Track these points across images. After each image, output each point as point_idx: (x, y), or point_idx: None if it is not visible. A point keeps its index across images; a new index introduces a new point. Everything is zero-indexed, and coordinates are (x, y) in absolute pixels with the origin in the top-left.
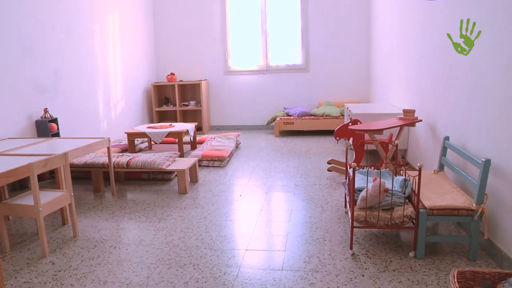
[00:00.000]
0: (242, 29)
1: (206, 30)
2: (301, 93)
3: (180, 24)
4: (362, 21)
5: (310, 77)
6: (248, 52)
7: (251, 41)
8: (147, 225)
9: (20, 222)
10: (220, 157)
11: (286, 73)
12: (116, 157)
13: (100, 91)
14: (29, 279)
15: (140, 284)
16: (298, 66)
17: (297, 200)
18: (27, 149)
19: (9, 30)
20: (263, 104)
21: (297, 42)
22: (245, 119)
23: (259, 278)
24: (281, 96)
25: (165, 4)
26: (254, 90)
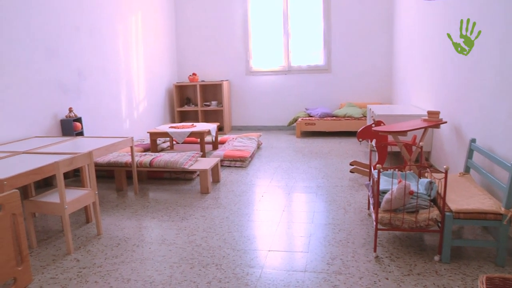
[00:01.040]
0: (264, 29)
1: (228, 30)
2: (323, 94)
3: (202, 24)
4: (385, 22)
5: (332, 78)
6: (270, 52)
7: (273, 41)
8: (169, 224)
9: (45, 219)
10: (242, 158)
11: (308, 73)
12: (139, 157)
13: (123, 91)
14: (55, 275)
15: (163, 283)
16: (320, 66)
17: (319, 202)
18: (53, 148)
19: (35, 31)
20: (285, 104)
21: (319, 43)
22: (266, 120)
23: (282, 280)
24: (303, 97)
25: (186, 4)
26: (276, 91)
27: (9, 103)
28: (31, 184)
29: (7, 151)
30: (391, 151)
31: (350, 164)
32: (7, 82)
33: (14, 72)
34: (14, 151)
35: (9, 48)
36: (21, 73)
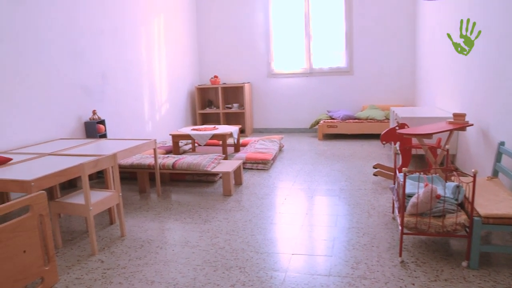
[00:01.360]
0: (285, 31)
1: (249, 33)
2: (345, 96)
3: (223, 27)
4: (407, 24)
5: (354, 80)
6: (291, 55)
7: (294, 44)
8: (192, 226)
9: (69, 220)
10: (264, 160)
11: (330, 75)
12: (162, 159)
13: (146, 93)
14: (80, 275)
15: (186, 285)
16: (341, 68)
17: (342, 205)
18: (77, 150)
19: (61, 35)
20: (306, 107)
21: (340, 45)
22: (288, 122)
23: (306, 283)
24: (325, 99)
25: (208, 7)
26: (297, 93)
27: (35, 105)
28: (56, 185)
29: (33, 152)
30: (415, 154)
31: (374, 167)
32: (34, 84)
33: (40, 75)
34: (40, 152)
35: (36, 51)
36: (47, 76)
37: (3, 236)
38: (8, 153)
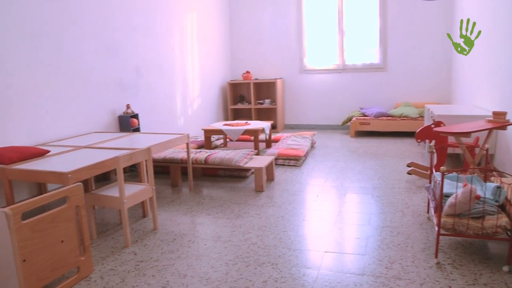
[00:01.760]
0: (318, 27)
1: (282, 28)
2: (378, 93)
3: (255, 22)
4: (443, 19)
5: (387, 77)
6: (324, 50)
7: (327, 39)
8: (224, 221)
9: (103, 212)
10: (296, 156)
11: (363, 72)
12: (195, 153)
13: (178, 88)
14: (114, 266)
15: (219, 280)
16: (375, 65)
17: (375, 203)
18: (111, 143)
19: (97, 31)
20: (339, 103)
21: (374, 41)
22: (320, 119)
23: (339, 282)
24: (357, 96)
25: (241, 3)
26: (330, 89)
27: (72, 99)
28: (91, 177)
29: (69, 145)
30: (451, 153)
31: (408, 165)
32: (71, 79)
33: (77, 70)
34: (76, 145)
35: (74, 47)
36: (83, 70)
37: (43, 225)
38: (45, 146)
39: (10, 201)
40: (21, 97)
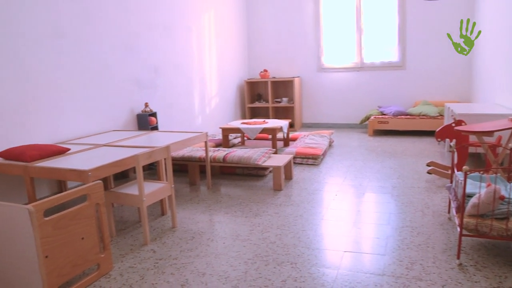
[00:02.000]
0: (336, 25)
1: (299, 27)
2: (397, 91)
3: (273, 21)
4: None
5: (406, 75)
6: (342, 49)
7: (345, 37)
8: (243, 220)
9: (121, 209)
10: (314, 155)
11: (381, 70)
12: (213, 152)
13: (196, 87)
14: (133, 264)
15: (238, 279)
16: (394, 63)
17: (394, 203)
18: (130, 141)
19: (116, 30)
20: (357, 102)
21: (393, 39)
22: (338, 117)
23: (359, 282)
24: (375, 94)
25: (258, 2)
26: (348, 88)
27: (91, 98)
28: (110, 175)
29: (89, 143)
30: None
31: (427, 164)
32: (90, 78)
33: (96, 69)
34: (95, 143)
35: (93, 46)
36: (102, 69)
37: (64, 223)
38: (65, 144)
39: (31, 198)
40: (42, 95)
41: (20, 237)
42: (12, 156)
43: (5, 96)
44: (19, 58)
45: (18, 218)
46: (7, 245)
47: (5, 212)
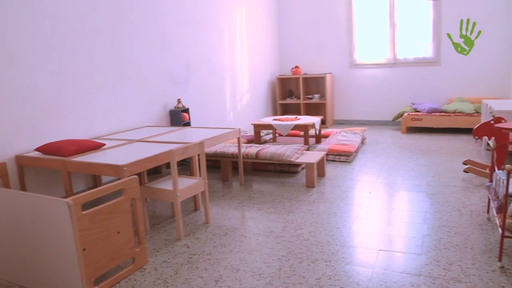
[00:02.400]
0: (369, 21)
1: (331, 22)
2: (431, 87)
3: (304, 17)
4: (503, 10)
5: (441, 71)
6: (374, 44)
7: (378, 33)
8: (276, 216)
9: (154, 205)
10: (347, 152)
11: (415, 66)
12: (245, 148)
13: (228, 83)
14: (167, 258)
15: (272, 276)
16: (428, 59)
17: (430, 201)
18: (163, 137)
19: (149, 27)
20: (389, 98)
21: (427, 34)
22: (370, 114)
23: (395, 282)
24: (409, 91)
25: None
26: (380, 84)
27: (124, 94)
28: (144, 171)
29: (123, 139)
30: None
31: (464, 163)
32: (124, 74)
33: (130, 65)
34: (129, 139)
35: (127, 42)
36: (136, 66)
37: (101, 216)
38: (100, 139)
39: (68, 192)
40: (77, 92)
41: (59, 229)
42: (50, 151)
43: (43, 93)
44: (56, 56)
45: (58, 211)
46: (47, 237)
47: (45, 205)
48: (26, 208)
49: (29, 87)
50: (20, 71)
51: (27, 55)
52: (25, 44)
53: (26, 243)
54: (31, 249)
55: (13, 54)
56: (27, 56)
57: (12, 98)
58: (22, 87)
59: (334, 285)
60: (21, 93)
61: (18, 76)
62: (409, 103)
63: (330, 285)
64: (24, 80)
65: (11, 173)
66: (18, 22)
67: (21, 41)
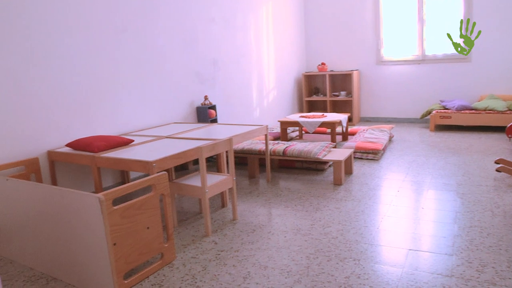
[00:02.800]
0: (396, 16)
1: (358, 19)
2: (461, 84)
3: (331, 13)
4: None
5: (471, 68)
6: (402, 41)
7: (406, 29)
8: (303, 214)
9: (181, 201)
10: (374, 150)
11: (444, 63)
12: (272, 145)
13: (254, 80)
14: (195, 254)
15: (300, 273)
16: (457, 55)
17: (461, 201)
18: (191, 134)
19: (176, 24)
20: (417, 96)
21: (457, 30)
22: (397, 112)
23: (426, 282)
24: (438, 88)
25: None
26: (408, 81)
27: (152, 90)
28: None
29: (151, 135)
30: None
31: (496, 162)
32: (152, 71)
33: (158, 62)
34: (157, 135)
35: (155, 40)
36: (163, 62)
37: (131, 212)
38: (128, 135)
39: (98, 187)
40: (106, 88)
41: (91, 224)
42: (80, 147)
43: (73, 91)
44: (84, 53)
45: (89, 206)
46: (78, 231)
47: (77, 199)
48: (59, 203)
49: (59, 85)
50: (51, 71)
51: (58, 55)
52: (56, 44)
53: (58, 236)
54: (63, 242)
55: (45, 54)
56: (58, 56)
57: (44, 96)
58: (53, 86)
59: (363, 284)
60: (52, 91)
61: (49, 75)
62: (437, 101)
63: (359, 284)
64: (55, 79)
65: (43, 168)
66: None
67: (52, 41)
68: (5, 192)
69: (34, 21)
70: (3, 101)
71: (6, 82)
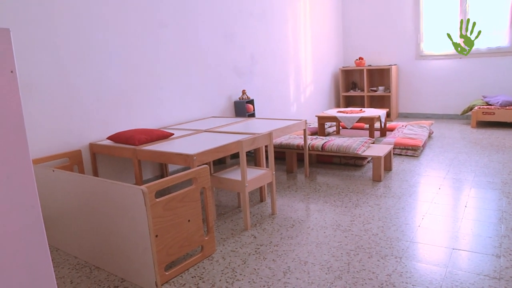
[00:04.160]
0: (438, 9)
1: (397, 12)
2: (505, 79)
3: (369, 7)
4: None
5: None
6: (443, 34)
7: (447, 22)
8: (343, 210)
9: (219, 195)
10: (414, 146)
11: (487, 57)
12: (311, 140)
13: (291, 74)
14: (234, 248)
15: (341, 270)
16: (503, 49)
17: (507, 200)
18: (230, 127)
19: (215, 18)
20: (458, 91)
21: (503, 22)
22: (436, 107)
23: (472, 283)
24: (480, 83)
25: None
26: (449, 76)
27: (191, 85)
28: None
29: (190, 129)
30: None
31: None
32: (192, 65)
33: (197, 57)
34: (196, 129)
35: (194, 35)
36: (203, 57)
37: (173, 204)
38: (167, 129)
39: (139, 179)
40: (146, 82)
41: (133, 215)
42: (122, 140)
43: (114, 85)
44: (126, 48)
45: (132, 198)
46: (121, 222)
47: (120, 191)
48: (102, 194)
49: (101, 80)
50: (93, 65)
51: (100, 50)
52: (98, 39)
53: (101, 226)
54: (106, 232)
55: (88, 49)
56: (100, 50)
57: (86, 90)
58: (96, 80)
59: (406, 283)
60: (94, 85)
61: (91, 70)
62: (479, 96)
63: (401, 282)
64: (97, 73)
65: (85, 160)
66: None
67: (94, 37)
68: (51, 183)
69: (79, 18)
70: (51, 96)
71: (54, 78)
